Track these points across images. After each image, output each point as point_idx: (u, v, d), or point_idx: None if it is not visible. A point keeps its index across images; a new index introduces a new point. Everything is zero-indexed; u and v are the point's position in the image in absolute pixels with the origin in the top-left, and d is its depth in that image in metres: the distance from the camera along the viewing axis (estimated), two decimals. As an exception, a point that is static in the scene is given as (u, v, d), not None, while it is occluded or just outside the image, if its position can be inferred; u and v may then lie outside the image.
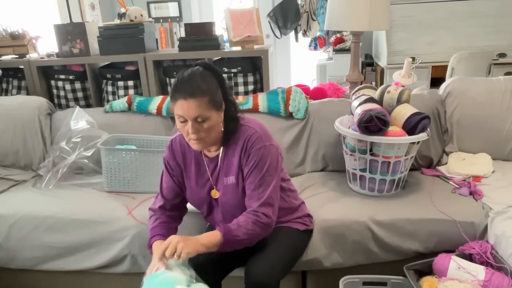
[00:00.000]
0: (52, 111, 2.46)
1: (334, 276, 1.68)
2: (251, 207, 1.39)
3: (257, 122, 1.47)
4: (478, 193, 1.82)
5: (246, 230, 1.34)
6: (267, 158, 1.40)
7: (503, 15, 3.85)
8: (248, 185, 1.41)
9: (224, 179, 1.46)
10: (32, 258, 1.85)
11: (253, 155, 1.39)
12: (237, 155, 1.43)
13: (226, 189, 1.47)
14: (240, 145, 1.41)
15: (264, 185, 1.39)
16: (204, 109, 1.30)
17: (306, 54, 5.05)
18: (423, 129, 1.79)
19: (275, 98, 2.27)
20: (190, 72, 1.34)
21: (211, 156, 1.49)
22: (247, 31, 2.49)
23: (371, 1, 2.21)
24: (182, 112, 1.30)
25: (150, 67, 2.52)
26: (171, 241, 1.28)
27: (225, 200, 1.48)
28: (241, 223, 1.35)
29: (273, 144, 1.44)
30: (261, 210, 1.37)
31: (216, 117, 1.35)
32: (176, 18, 5.15)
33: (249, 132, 1.42)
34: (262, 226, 1.37)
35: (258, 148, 1.39)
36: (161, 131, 2.29)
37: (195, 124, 1.32)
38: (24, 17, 3.66)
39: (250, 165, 1.40)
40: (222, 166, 1.47)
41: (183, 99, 1.29)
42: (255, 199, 1.38)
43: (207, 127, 1.33)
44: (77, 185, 2.12)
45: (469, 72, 3.38)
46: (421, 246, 1.70)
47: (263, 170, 1.39)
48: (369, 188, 1.88)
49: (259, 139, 1.40)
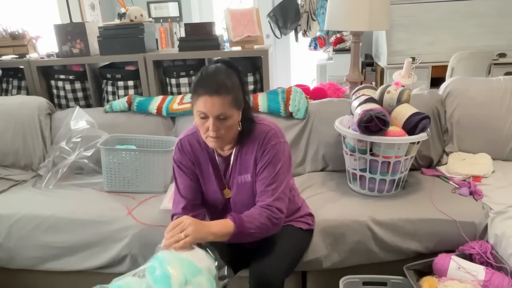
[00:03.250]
0: (52, 111, 2.46)
1: (334, 276, 1.68)
2: (263, 202, 1.36)
3: (270, 120, 1.47)
4: (478, 193, 1.82)
5: (259, 224, 1.32)
6: (282, 154, 1.40)
7: (503, 15, 3.85)
8: (261, 180, 1.39)
9: (238, 178, 1.45)
10: (32, 258, 1.85)
11: (268, 150, 1.38)
12: (253, 153, 1.41)
13: (240, 188, 1.45)
14: (256, 142, 1.40)
15: (278, 181, 1.38)
16: (227, 107, 1.28)
17: (306, 54, 5.05)
18: (423, 129, 1.79)
19: (275, 98, 2.27)
20: (215, 68, 1.31)
21: (224, 154, 1.47)
22: (247, 31, 2.49)
23: (371, 1, 2.21)
24: (205, 108, 1.27)
25: (150, 67, 2.52)
26: (183, 220, 1.23)
27: (239, 199, 1.46)
28: (255, 216, 1.33)
29: (286, 142, 1.45)
30: (275, 204, 1.35)
31: (237, 116, 1.34)
32: (176, 18, 5.15)
33: (265, 129, 1.41)
34: (275, 222, 1.35)
35: (274, 144, 1.39)
36: (161, 131, 2.30)
37: (217, 121, 1.29)
38: (24, 17, 3.66)
39: (264, 160, 1.39)
40: (235, 164, 1.45)
41: (208, 95, 1.26)
42: (269, 195, 1.37)
43: (227, 125, 1.31)
44: (77, 185, 2.12)
45: (469, 72, 3.38)
46: (421, 246, 1.70)
47: (278, 166, 1.38)
48: (369, 188, 1.88)
49: (274, 136, 1.40)
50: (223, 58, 1.38)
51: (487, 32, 3.86)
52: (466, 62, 3.51)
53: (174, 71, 2.55)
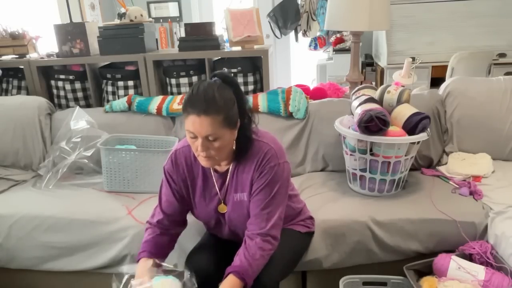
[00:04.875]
0: (52, 111, 2.45)
1: (334, 276, 1.68)
2: (258, 229, 1.32)
3: (270, 137, 1.41)
4: (478, 193, 1.82)
5: (259, 262, 1.30)
6: (280, 177, 1.34)
7: (503, 15, 3.85)
8: (256, 202, 1.35)
9: (234, 196, 1.41)
10: (32, 258, 1.85)
11: (266, 172, 1.33)
12: (250, 172, 1.36)
13: (236, 206, 1.41)
14: (254, 161, 1.34)
15: (273, 205, 1.34)
16: (217, 128, 1.22)
17: (306, 54, 5.05)
18: (423, 129, 1.79)
19: (275, 98, 2.27)
20: (207, 85, 1.24)
21: (221, 170, 1.42)
22: (247, 31, 2.49)
23: (371, 1, 2.21)
24: (193, 128, 1.22)
25: (150, 67, 2.52)
26: None
27: (234, 216, 1.43)
28: (256, 257, 1.30)
29: (287, 162, 1.39)
30: (271, 233, 1.33)
31: (229, 136, 1.28)
32: (176, 18, 5.15)
33: (264, 148, 1.34)
34: (272, 249, 1.34)
35: (273, 166, 1.33)
36: (161, 131, 2.30)
37: (206, 142, 1.24)
38: (24, 17, 3.66)
39: (261, 182, 1.33)
40: (231, 181, 1.41)
41: (196, 115, 1.20)
42: (263, 219, 1.33)
43: (218, 146, 1.25)
44: (77, 185, 2.12)
45: (469, 72, 3.38)
46: (421, 246, 1.70)
47: (274, 190, 1.33)
48: (369, 188, 1.88)
49: (274, 156, 1.34)
50: (221, 72, 1.31)
51: (487, 32, 3.86)
52: (466, 62, 3.51)
53: (174, 71, 2.55)
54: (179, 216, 1.49)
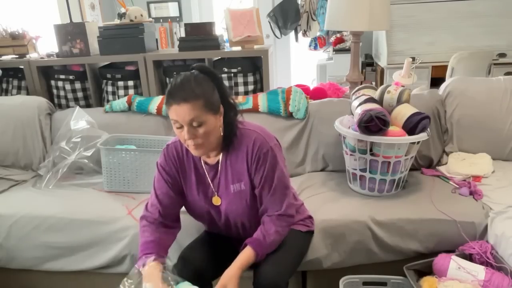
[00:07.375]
0: (52, 111, 2.46)
1: (334, 276, 1.68)
2: (274, 211, 1.39)
3: (254, 124, 1.44)
4: (478, 193, 1.82)
5: (274, 238, 1.37)
6: (277, 160, 1.39)
7: (503, 15, 3.85)
8: (264, 191, 1.39)
9: (231, 187, 1.42)
10: (32, 258, 1.85)
11: (262, 159, 1.36)
12: (243, 161, 1.38)
13: (232, 197, 1.43)
14: (244, 150, 1.37)
15: (281, 187, 1.40)
16: (199, 112, 1.25)
17: (306, 54, 5.05)
18: (423, 129, 1.79)
19: (275, 98, 2.27)
20: (183, 76, 1.29)
21: (211, 162, 1.44)
22: (247, 31, 2.49)
23: (371, 1, 2.21)
24: (176, 116, 1.25)
25: (150, 67, 2.52)
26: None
27: (233, 208, 1.44)
28: (267, 231, 1.37)
29: (276, 144, 1.43)
30: (288, 212, 1.40)
31: (214, 121, 1.30)
32: (176, 18, 5.15)
33: (251, 136, 1.38)
34: (287, 225, 1.42)
35: (266, 152, 1.36)
36: (161, 131, 2.29)
37: (191, 129, 1.27)
38: (24, 17, 3.66)
39: (261, 170, 1.37)
40: (224, 172, 1.42)
41: (177, 104, 1.24)
42: (277, 203, 1.39)
43: (203, 131, 1.28)
44: (77, 185, 2.12)
45: (469, 72, 3.38)
46: (421, 246, 1.70)
47: (276, 174, 1.38)
48: (369, 188, 1.88)
49: (263, 142, 1.37)
50: (198, 64, 1.35)
51: (487, 32, 3.87)
52: (466, 62, 3.51)
53: (174, 71, 2.55)
54: (173, 209, 1.48)
